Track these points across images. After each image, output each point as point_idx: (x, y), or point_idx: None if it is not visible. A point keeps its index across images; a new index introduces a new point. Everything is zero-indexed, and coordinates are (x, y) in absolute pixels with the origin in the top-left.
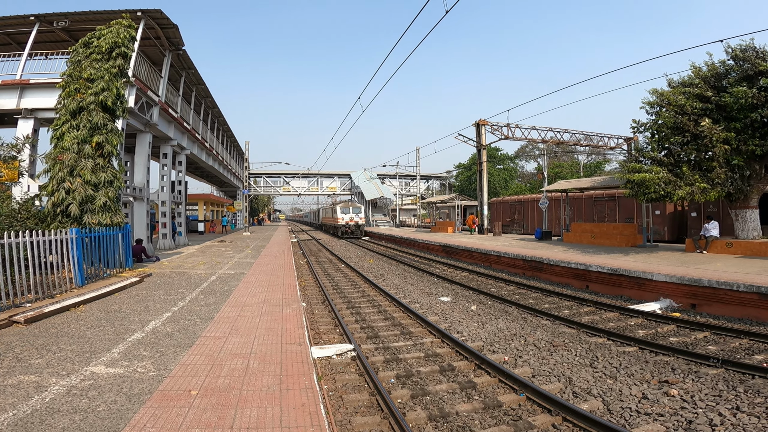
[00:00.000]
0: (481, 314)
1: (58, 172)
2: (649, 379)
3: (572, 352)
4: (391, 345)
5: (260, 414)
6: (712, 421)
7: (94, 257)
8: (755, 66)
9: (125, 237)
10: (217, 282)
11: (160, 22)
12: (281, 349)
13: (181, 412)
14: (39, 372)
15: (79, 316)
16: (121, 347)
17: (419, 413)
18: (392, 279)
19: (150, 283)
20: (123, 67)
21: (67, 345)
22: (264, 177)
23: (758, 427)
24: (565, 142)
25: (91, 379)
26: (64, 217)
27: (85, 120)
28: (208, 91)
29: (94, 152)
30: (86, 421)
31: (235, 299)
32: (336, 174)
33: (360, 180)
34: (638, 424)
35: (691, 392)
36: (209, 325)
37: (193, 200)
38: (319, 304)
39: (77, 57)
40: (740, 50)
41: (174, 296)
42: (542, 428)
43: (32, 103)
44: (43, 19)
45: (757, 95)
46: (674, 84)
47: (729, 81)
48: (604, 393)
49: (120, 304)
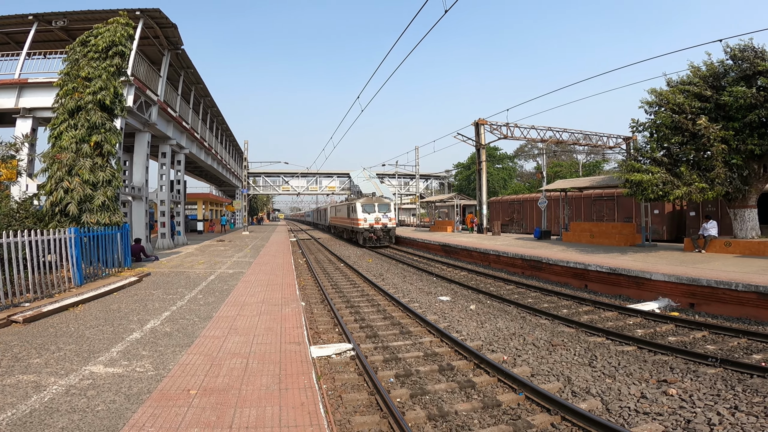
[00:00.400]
0: (480, 313)
1: (56, 172)
2: (647, 379)
3: (571, 352)
4: (391, 344)
5: (259, 413)
6: (710, 421)
7: (92, 257)
8: (754, 66)
9: (124, 236)
10: (216, 281)
11: (159, 21)
12: (280, 348)
13: (180, 412)
14: (38, 372)
15: (78, 316)
16: (120, 347)
17: (418, 413)
18: (391, 278)
19: (149, 282)
20: (121, 65)
21: (66, 344)
22: (263, 176)
23: (756, 426)
24: (564, 141)
25: (90, 378)
26: (62, 217)
27: (84, 119)
28: (206, 91)
29: (93, 151)
30: (85, 420)
31: (234, 298)
32: (335, 173)
33: (359, 179)
34: (637, 423)
35: (689, 392)
36: (208, 325)
37: (192, 199)
38: (318, 304)
39: (75, 55)
40: (739, 50)
41: (173, 296)
42: (541, 427)
43: (31, 103)
44: (41, 18)
45: (756, 95)
46: (673, 84)
47: (728, 80)
48: (602, 392)
49: (119, 303)
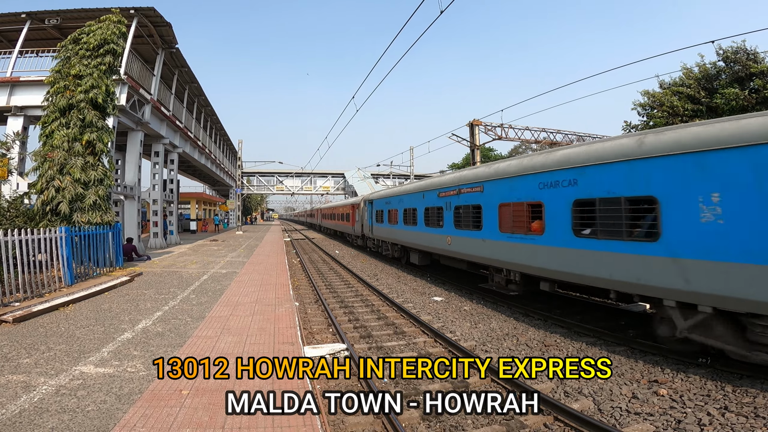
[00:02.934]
0: (474, 314)
1: (47, 170)
2: (639, 379)
3: (564, 352)
4: (385, 344)
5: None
6: (700, 421)
7: (83, 256)
8: (747, 68)
9: (115, 236)
10: (209, 281)
11: (153, 20)
12: (274, 348)
13: (171, 412)
14: (27, 371)
15: (69, 316)
16: (110, 347)
17: (412, 413)
18: (385, 278)
19: (141, 282)
20: (113, 64)
21: (56, 344)
22: (257, 176)
23: (746, 426)
24: (558, 142)
25: (80, 378)
26: (53, 216)
27: (76, 118)
28: (201, 90)
29: (85, 150)
30: (75, 420)
31: (228, 298)
32: (330, 173)
33: (354, 179)
34: (628, 423)
35: (680, 392)
36: (201, 325)
37: (186, 199)
38: (312, 304)
39: (66, 53)
40: (731, 51)
41: (165, 295)
42: (534, 427)
43: (22, 101)
44: (34, 16)
45: (748, 97)
46: (665, 85)
47: (720, 83)
48: (594, 392)
49: (110, 303)
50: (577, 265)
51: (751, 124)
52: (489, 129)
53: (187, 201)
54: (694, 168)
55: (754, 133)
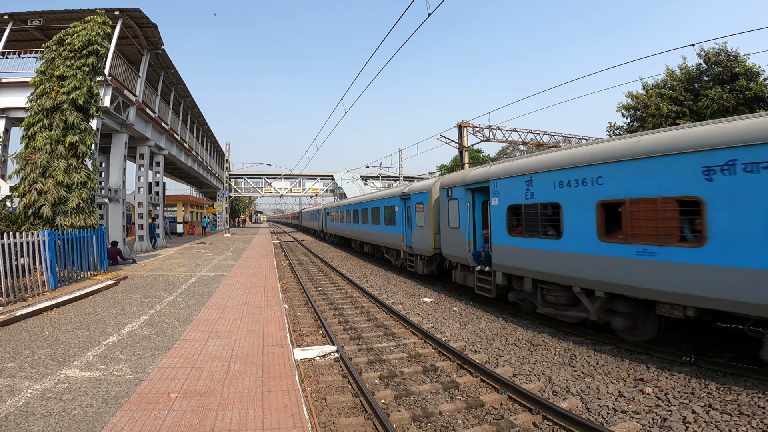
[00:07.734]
0: (463, 314)
1: (29, 173)
2: (625, 378)
3: (551, 351)
4: (375, 346)
5: (242, 416)
6: (685, 419)
7: (67, 260)
8: (729, 69)
9: (100, 239)
10: (197, 284)
11: (139, 21)
12: (263, 351)
13: (160, 415)
14: (12, 375)
15: (53, 320)
16: (96, 351)
17: (403, 414)
18: (375, 281)
19: (126, 285)
20: (96, 65)
21: (41, 349)
22: (245, 178)
23: (730, 423)
24: (545, 144)
25: (66, 382)
26: (35, 219)
27: (59, 119)
28: (187, 92)
29: (68, 152)
30: (61, 424)
31: (216, 302)
32: (319, 175)
33: (343, 181)
34: (615, 422)
35: (665, 390)
36: (189, 328)
37: (172, 201)
38: (301, 306)
39: (51, 54)
40: (713, 53)
41: (151, 299)
42: (524, 427)
43: (4, 103)
44: (17, 17)
45: (728, 96)
46: (649, 87)
47: (702, 85)
48: (582, 391)
49: (95, 307)
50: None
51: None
52: (477, 131)
53: (174, 203)
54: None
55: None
